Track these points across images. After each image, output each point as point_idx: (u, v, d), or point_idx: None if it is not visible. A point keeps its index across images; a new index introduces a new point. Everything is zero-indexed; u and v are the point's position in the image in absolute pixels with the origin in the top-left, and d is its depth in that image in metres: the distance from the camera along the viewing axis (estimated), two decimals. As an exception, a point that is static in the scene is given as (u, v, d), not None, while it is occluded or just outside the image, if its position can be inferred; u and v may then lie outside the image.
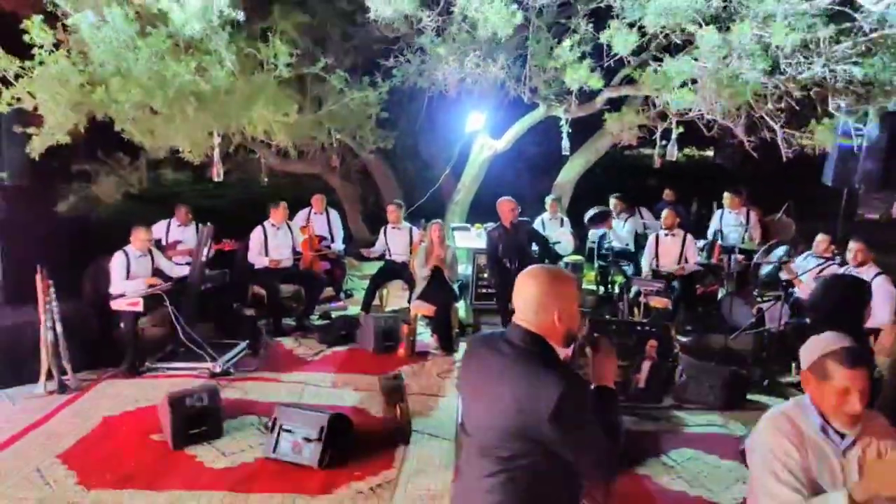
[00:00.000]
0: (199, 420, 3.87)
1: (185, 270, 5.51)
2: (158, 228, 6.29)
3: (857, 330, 2.57)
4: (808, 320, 4.66)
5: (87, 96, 4.29)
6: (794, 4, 4.63)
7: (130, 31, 4.11)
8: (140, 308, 4.90)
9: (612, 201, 6.97)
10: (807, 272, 5.14)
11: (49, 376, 4.55)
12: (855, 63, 4.89)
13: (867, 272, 4.64)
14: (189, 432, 3.83)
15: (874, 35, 4.72)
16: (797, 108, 5.24)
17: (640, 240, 6.82)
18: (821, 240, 5.48)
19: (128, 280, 4.99)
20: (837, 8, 4.72)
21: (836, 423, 1.68)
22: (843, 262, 4.94)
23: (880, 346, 2.44)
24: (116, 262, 4.99)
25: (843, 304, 2.73)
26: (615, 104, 6.72)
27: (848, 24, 4.82)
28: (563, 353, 1.69)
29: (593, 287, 7.01)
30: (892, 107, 5.16)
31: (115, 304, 4.95)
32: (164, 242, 6.23)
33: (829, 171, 5.95)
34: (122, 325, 4.95)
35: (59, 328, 4.53)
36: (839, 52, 4.85)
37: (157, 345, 5.30)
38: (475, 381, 1.75)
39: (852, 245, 4.80)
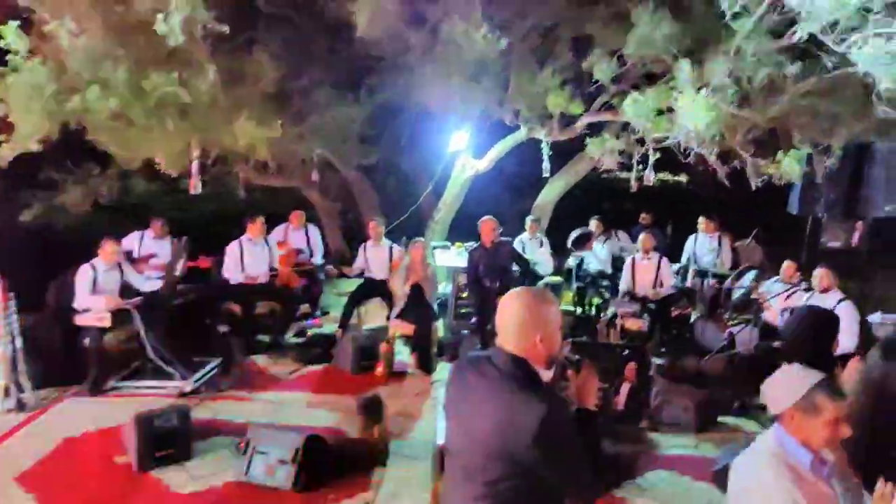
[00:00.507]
0: (166, 441, 3.73)
1: (156, 284, 5.36)
2: (130, 240, 6.12)
3: (827, 361, 2.65)
4: (776, 344, 4.79)
5: (61, 105, 4.18)
6: (763, 42, 4.84)
7: (110, 41, 4.03)
8: (107, 323, 4.74)
9: (593, 223, 7.08)
10: (774, 297, 5.30)
11: (6, 393, 4.35)
12: (819, 98, 5.12)
13: (831, 298, 4.81)
14: (156, 454, 3.69)
15: (837, 73, 4.96)
16: (765, 139, 5.45)
17: (617, 262, 6.93)
18: (787, 266, 5.67)
19: (93, 295, 4.82)
20: (803, 46, 4.95)
21: (823, 451, 1.71)
22: (809, 288, 5.10)
23: (844, 380, 2.52)
24: (82, 275, 4.82)
25: (814, 336, 2.82)
26: (595, 128, 6.87)
27: (812, 62, 5.06)
28: (546, 375, 1.70)
29: (571, 308, 7.08)
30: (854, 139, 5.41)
31: (81, 319, 4.78)
32: (136, 255, 6.05)
33: (794, 200, 6.17)
34: (86, 340, 4.77)
35: (18, 342, 4.36)
36: (804, 88, 5.08)
37: (123, 362, 5.12)
38: (460, 403, 1.75)
39: (817, 271, 4.97)
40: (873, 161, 6.06)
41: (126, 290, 5.18)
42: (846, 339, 4.65)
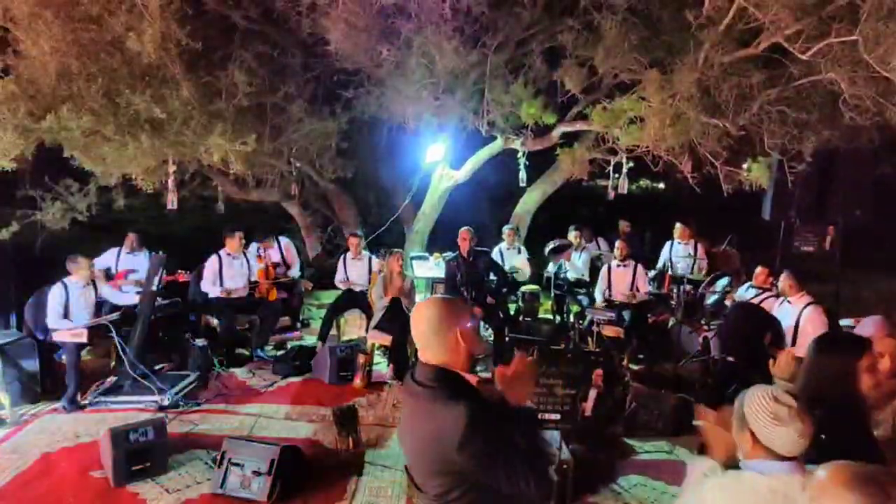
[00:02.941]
0: (142, 455, 3.74)
1: (133, 299, 5.36)
2: (108, 256, 6.11)
3: (756, 356, 2.69)
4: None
5: (36, 122, 4.21)
6: (730, 52, 4.97)
7: (84, 59, 4.07)
8: (84, 339, 4.74)
9: (572, 234, 7.13)
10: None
11: (-16, 410, 4.34)
12: (787, 106, 5.25)
13: (799, 302, 4.89)
14: (132, 468, 3.70)
15: (803, 81, 5.10)
16: (736, 146, 5.56)
17: (595, 270, 6.99)
18: (759, 272, 5.76)
19: (65, 317, 4.82)
20: (769, 55, 5.08)
21: None
22: (780, 294, 5.19)
23: (778, 368, 2.59)
24: (53, 296, 4.82)
25: (744, 329, 2.89)
26: (571, 138, 6.97)
27: (779, 70, 5.19)
28: (474, 378, 1.73)
29: (549, 316, 7.13)
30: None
31: (58, 335, 4.78)
32: (113, 270, 6.05)
33: (766, 206, 6.28)
34: (63, 356, 4.77)
35: (-5, 360, 4.35)
36: (773, 96, 5.20)
37: (101, 377, 5.11)
38: (402, 425, 1.80)
39: (781, 277, 5.06)
40: (842, 166, 6.19)
41: (103, 306, 5.18)
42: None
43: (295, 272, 6.88)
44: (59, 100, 4.27)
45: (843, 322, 5.85)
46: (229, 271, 5.99)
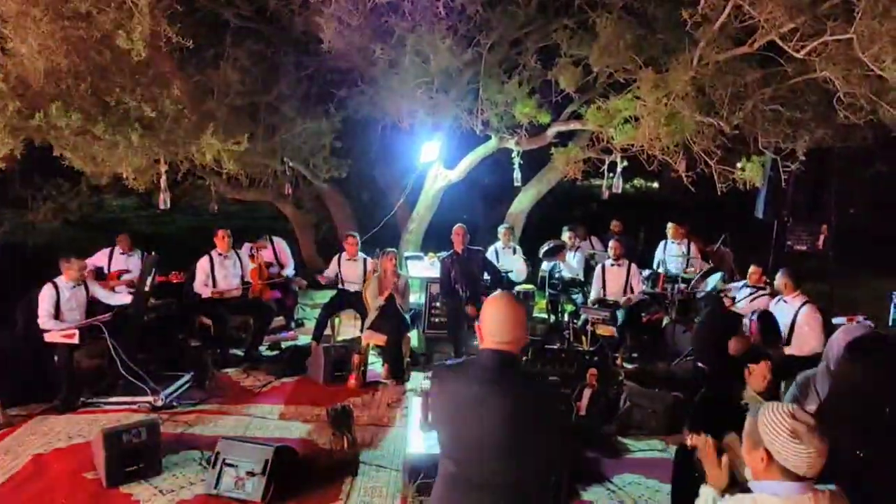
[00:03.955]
0: (135, 456, 3.71)
1: (125, 299, 5.32)
2: (100, 256, 6.07)
3: (724, 363, 2.65)
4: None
5: (24, 121, 4.17)
6: (725, 51, 4.97)
7: (73, 57, 4.03)
8: (76, 340, 4.70)
9: (566, 235, 7.13)
10: (741, 301, 5.40)
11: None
12: (782, 104, 5.26)
13: (795, 301, 4.91)
14: (125, 469, 3.66)
15: (798, 79, 5.11)
16: (730, 145, 5.57)
17: (589, 269, 7.00)
18: (753, 270, 5.78)
19: (56, 318, 4.78)
20: (764, 53, 5.09)
21: None
22: (774, 293, 5.20)
23: (753, 379, 2.56)
24: (44, 296, 4.78)
25: (705, 339, 2.89)
26: (566, 137, 6.97)
27: (774, 69, 5.20)
28: None
29: (544, 315, 7.12)
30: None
31: (49, 336, 4.73)
32: (106, 271, 6.01)
33: (760, 205, 6.30)
34: (56, 358, 4.72)
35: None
36: (767, 94, 5.21)
37: (94, 378, 5.07)
38: (457, 412, 1.77)
39: (777, 276, 5.08)
40: (836, 165, 6.22)
41: (95, 307, 5.14)
42: (812, 341, 4.76)
43: (289, 272, 6.85)
44: (48, 98, 4.22)
45: (836, 321, 5.89)
46: (221, 271, 5.95)
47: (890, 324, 6.66)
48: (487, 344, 1.77)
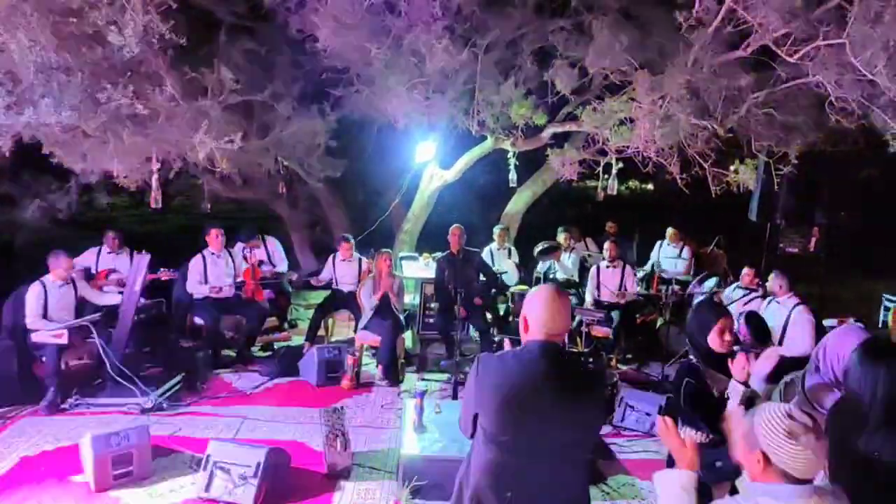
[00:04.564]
0: (124, 459, 3.65)
1: (115, 298, 5.25)
2: (88, 256, 5.98)
3: (709, 355, 2.66)
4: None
5: (13, 118, 4.10)
6: (719, 54, 4.99)
7: (63, 53, 3.97)
8: (64, 340, 4.63)
9: (561, 236, 7.12)
10: (733, 303, 5.43)
11: (-40, 414, 4.22)
12: (775, 108, 5.29)
13: (788, 303, 4.94)
14: (114, 473, 3.60)
15: (791, 84, 5.14)
16: (724, 148, 5.60)
17: (584, 271, 7.00)
18: (746, 272, 5.81)
19: (45, 318, 4.71)
20: (758, 58, 5.12)
21: None
22: (767, 294, 5.23)
23: (735, 369, 2.57)
24: (32, 295, 4.70)
25: (692, 334, 2.91)
26: (561, 139, 6.97)
27: (767, 73, 5.23)
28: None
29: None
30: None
31: (37, 336, 4.66)
32: (94, 271, 5.92)
33: (753, 207, 6.34)
34: (43, 358, 4.65)
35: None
36: (760, 98, 5.24)
37: (82, 379, 4.99)
38: (523, 399, 1.85)
39: (771, 277, 5.10)
40: (828, 169, 6.26)
41: (84, 307, 5.07)
42: (803, 342, 4.78)
43: (283, 268, 6.79)
44: (37, 94, 4.15)
45: (827, 322, 5.93)
46: (214, 270, 5.89)
47: (880, 325, 6.74)
48: (536, 335, 1.88)
